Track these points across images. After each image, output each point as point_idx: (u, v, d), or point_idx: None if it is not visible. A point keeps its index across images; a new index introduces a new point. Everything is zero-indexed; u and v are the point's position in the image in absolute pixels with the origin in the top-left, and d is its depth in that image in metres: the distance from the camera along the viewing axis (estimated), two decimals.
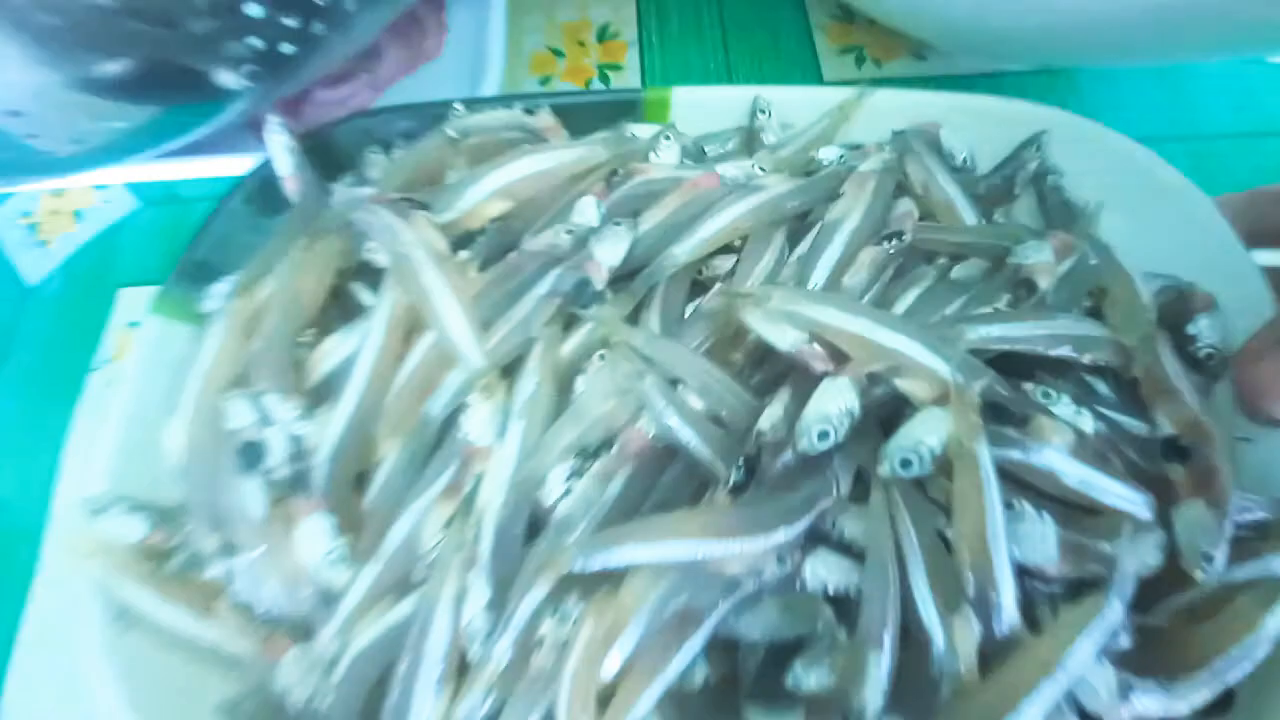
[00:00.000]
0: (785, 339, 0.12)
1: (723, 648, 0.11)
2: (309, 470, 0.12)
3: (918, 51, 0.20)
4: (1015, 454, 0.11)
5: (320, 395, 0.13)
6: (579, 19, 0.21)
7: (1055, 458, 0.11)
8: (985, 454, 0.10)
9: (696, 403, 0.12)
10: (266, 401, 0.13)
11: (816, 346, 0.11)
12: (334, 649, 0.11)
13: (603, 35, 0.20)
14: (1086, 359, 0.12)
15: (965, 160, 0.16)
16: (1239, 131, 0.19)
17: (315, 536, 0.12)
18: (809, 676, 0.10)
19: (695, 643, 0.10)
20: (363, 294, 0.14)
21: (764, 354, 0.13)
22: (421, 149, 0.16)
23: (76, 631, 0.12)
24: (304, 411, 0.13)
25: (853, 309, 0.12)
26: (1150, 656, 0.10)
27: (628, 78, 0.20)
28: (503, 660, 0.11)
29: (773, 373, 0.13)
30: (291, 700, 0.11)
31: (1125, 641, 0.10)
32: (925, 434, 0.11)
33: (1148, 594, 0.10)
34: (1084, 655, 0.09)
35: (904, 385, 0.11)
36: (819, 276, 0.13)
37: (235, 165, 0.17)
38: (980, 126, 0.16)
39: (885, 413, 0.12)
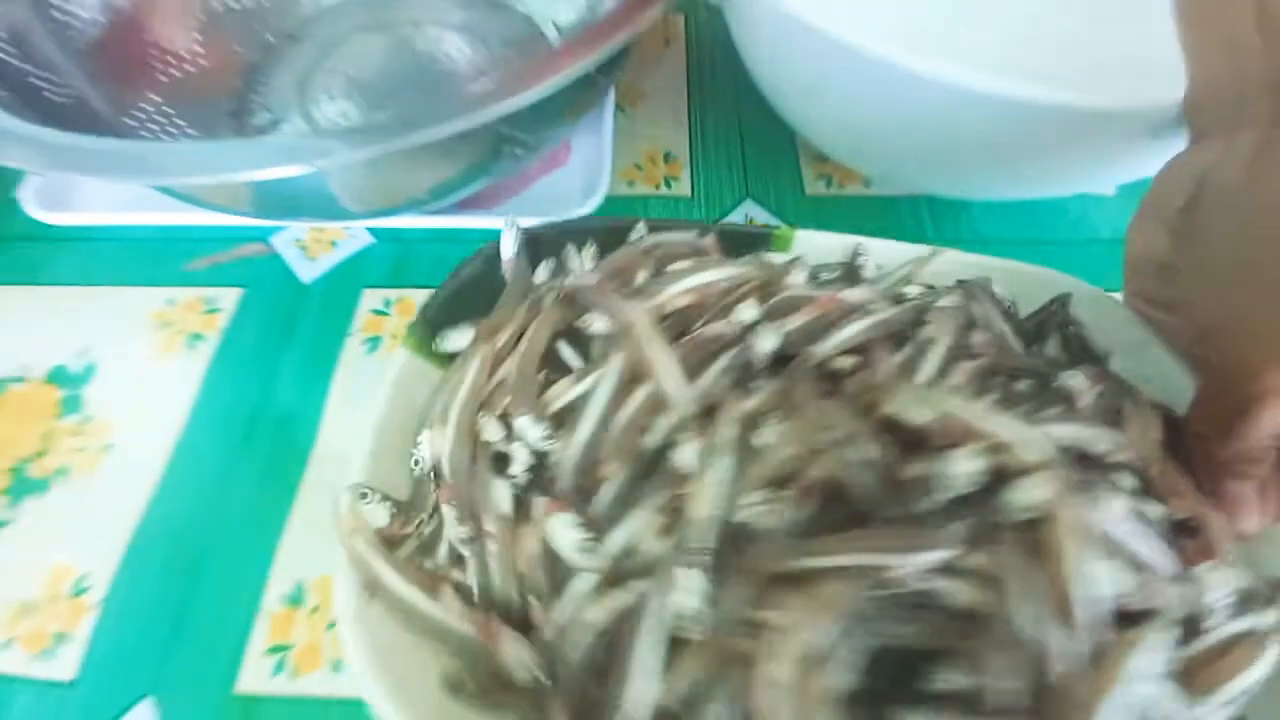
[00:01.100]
0: (920, 416, 0.14)
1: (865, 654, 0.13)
2: (555, 479, 0.15)
3: (865, 180, 0.28)
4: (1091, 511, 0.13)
5: (556, 423, 0.16)
6: (652, 147, 0.29)
7: (1118, 515, 0.13)
8: (1072, 509, 0.13)
9: (854, 454, 0.14)
10: (519, 422, 0.16)
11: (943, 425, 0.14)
12: (560, 629, 0.14)
13: (667, 158, 0.29)
14: (1119, 458, 0.16)
15: (1010, 307, 0.20)
16: (1075, 240, 0.27)
17: (566, 529, 0.14)
18: (955, 677, 0.12)
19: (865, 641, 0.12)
20: (566, 351, 0.18)
21: (890, 428, 0.15)
22: (623, 253, 0.20)
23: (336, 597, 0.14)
24: (548, 433, 0.16)
25: (968, 402, 0.15)
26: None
27: (683, 185, 0.28)
28: (712, 641, 0.13)
29: (895, 441, 0.15)
30: (516, 676, 0.13)
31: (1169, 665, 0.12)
32: (1032, 491, 0.13)
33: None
34: (1147, 665, 0.11)
35: (1010, 459, 0.14)
36: (923, 379, 0.17)
37: (444, 221, 0.25)
38: (1017, 284, 0.20)
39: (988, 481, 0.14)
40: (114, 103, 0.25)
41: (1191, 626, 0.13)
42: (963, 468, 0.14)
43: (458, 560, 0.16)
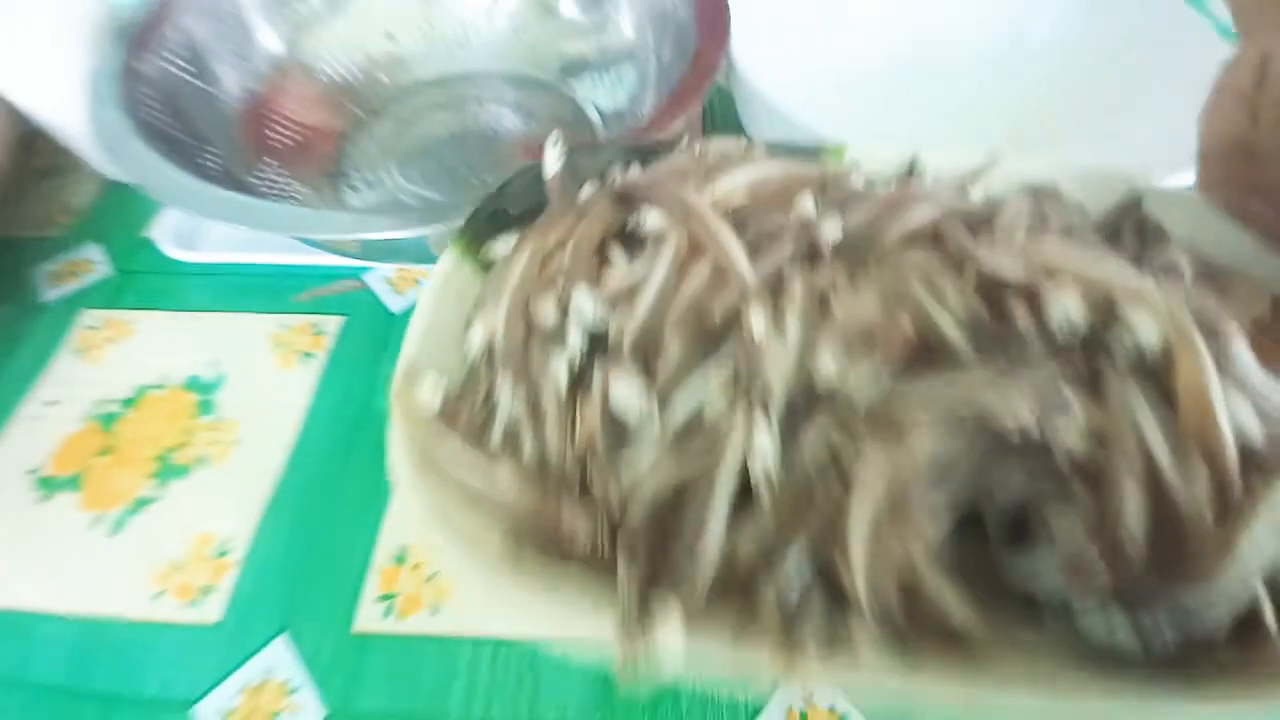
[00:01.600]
0: (1015, 269, 0.13)
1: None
2: (617, 348, 0.14)
3: None
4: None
5: (612, 304, 0.15)
6: None
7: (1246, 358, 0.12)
8: (1197, 335, 0.11)
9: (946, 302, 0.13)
10: (576, 296, 0.15)
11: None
12: (623, 496, 0.13)
13: None
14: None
15: (1080, 207, 0.18)
16: None
17: (629, 391, 0.13)
18: (1065, 521, 0.11)
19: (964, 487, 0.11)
20: (618, 255, 0.16)
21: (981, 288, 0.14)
22: (675, 159, 0.18)
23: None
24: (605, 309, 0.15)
25: (1069, 247, 0.13)
26: None
27: None
28: (787, 494, 0.12)
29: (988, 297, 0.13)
30: (577, 545, 0.13)
31: None
32: (1152, 326, 0.12)
33: None
34: None
35: (1120, 297, 0.12)
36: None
37: None
38: (1084, 186, 0.18)
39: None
40: (244, 165, 0.31)
41: None
42: (1066, 308, 0.12)
43: (512, 441, 0.15)
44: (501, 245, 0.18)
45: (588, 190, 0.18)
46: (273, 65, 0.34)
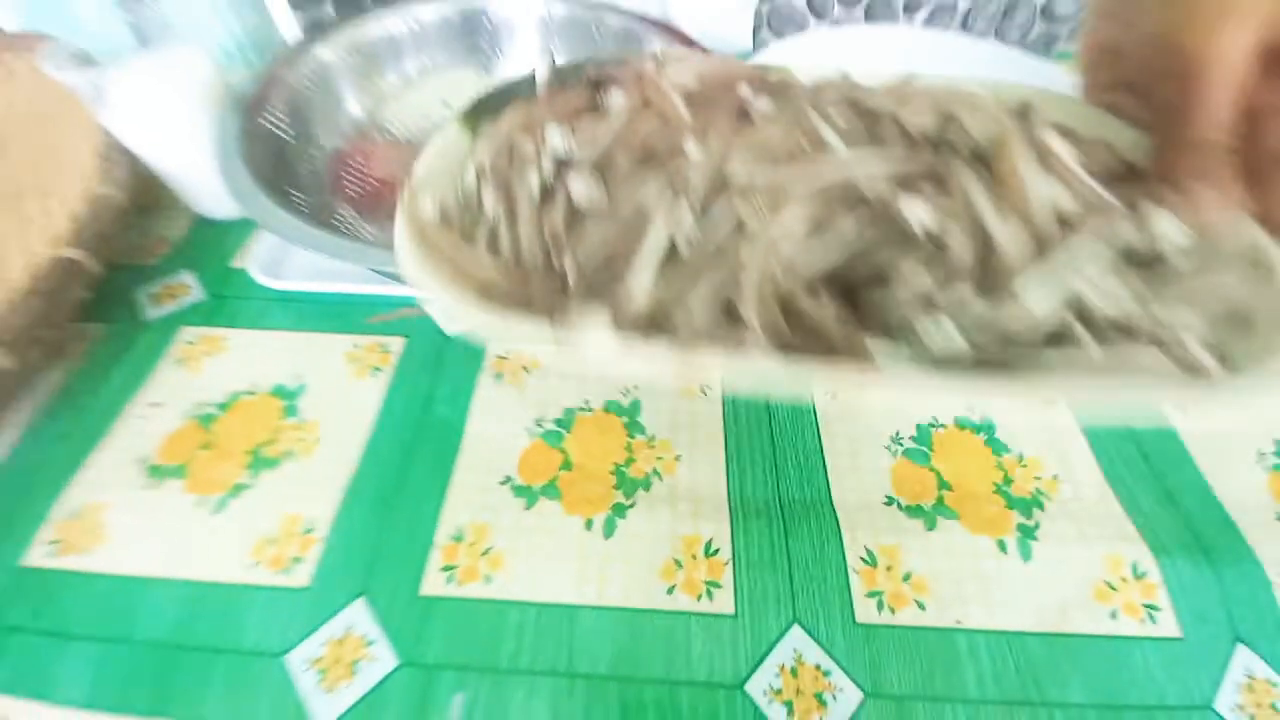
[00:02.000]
0: (886, 101, 0.17)
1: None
2: (579, 163, 0.18)
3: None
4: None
5: (579, 143, 0.18)
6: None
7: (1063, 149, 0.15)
8: (1016, 131, 0.15)
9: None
10: (549, 131, 0.18)
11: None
12: (578, 266, 0.16)
13: None
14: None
15: None
16: None
17: (586, 187, 0.17)
18: (911, 263, 0.14)
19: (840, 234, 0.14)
20: (587, 118, 0.19)
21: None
22: (639, 59, 0.21)
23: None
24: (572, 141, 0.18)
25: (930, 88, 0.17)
26: None
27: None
28: (701, 246, 0.15)
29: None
30: (538, 302, 0.15)
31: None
32: (986, 124, 0.15)
33: None
34: (1084, 257, 0.13)
35: (960, 109, 0.16)
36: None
37: None
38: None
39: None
40: (327, 209, 0.37)
41: (1143, 259, 0.14)
42: (921, 119, 0.16)
43: (492, 238, 0.18)
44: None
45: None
46: (354, 127, 0.40)
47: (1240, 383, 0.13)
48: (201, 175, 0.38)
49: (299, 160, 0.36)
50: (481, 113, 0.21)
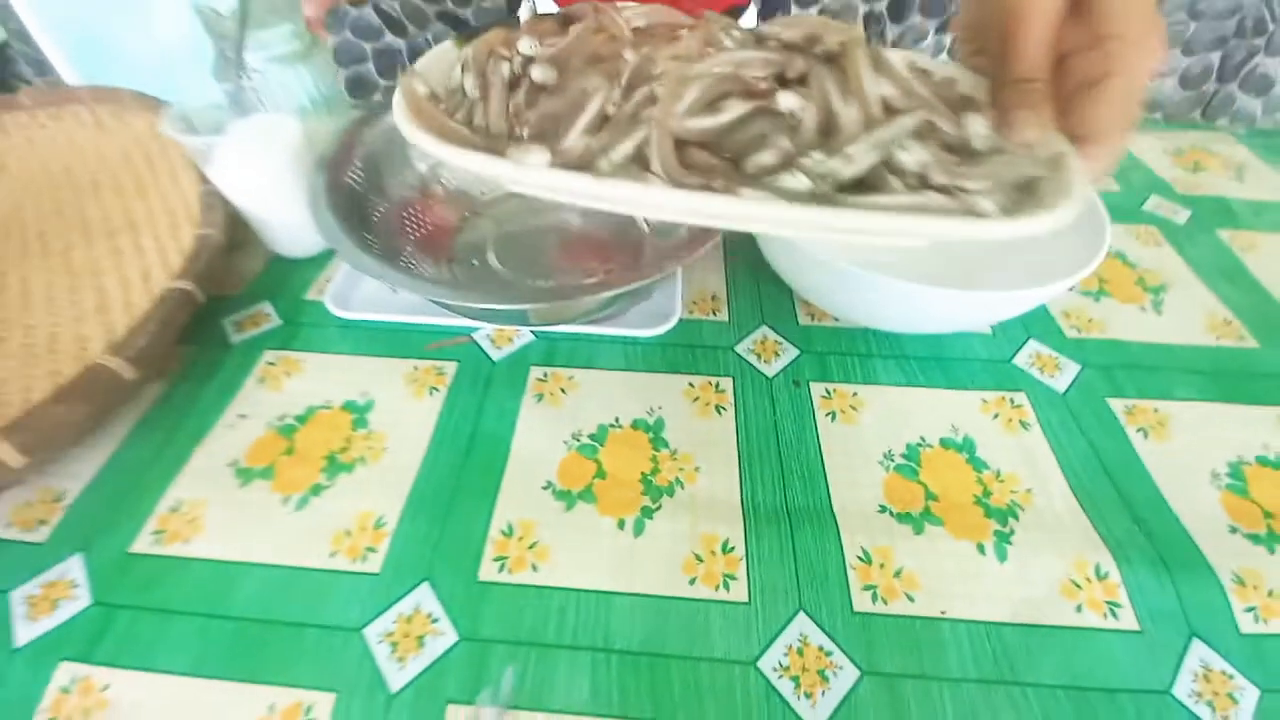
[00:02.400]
0: (780, 32, 0.21)
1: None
2: (541, 58, 0.22)
3: (834, 317, 0.42)
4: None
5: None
6: (703, 290, 0.45)
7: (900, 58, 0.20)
8: (861, 42, 0.19)
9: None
10: (521, 41, 0.22)
11: None
12: (533, 121, 0.20)
13: (713, 298, 0.45)
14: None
15: None
16: (966, 358, 0.39)
17: (545, 72, 0.21)
18: (777, 132, 0.18)
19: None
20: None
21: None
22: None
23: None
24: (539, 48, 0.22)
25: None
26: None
27: (722, 315, 0.43)
28: (623, 113, 0.19)
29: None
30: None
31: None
32: (835, 36, 0.20)
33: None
34: (899, 130, 0.17)
35: (823, 31, 0.20)
36: None
37: (579, 329, 0.40)
38: None
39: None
40: (395, 250, 0.43)
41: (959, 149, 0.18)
42: (791, 35, 0.21)
43: (469, 115, 0.21)
44: None
45: None
46: (417, 180, 0.46)
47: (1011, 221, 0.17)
48: (284, 221, 0.44)
49: (371, 209, 0.42)
50: (474, 36, 0.25)
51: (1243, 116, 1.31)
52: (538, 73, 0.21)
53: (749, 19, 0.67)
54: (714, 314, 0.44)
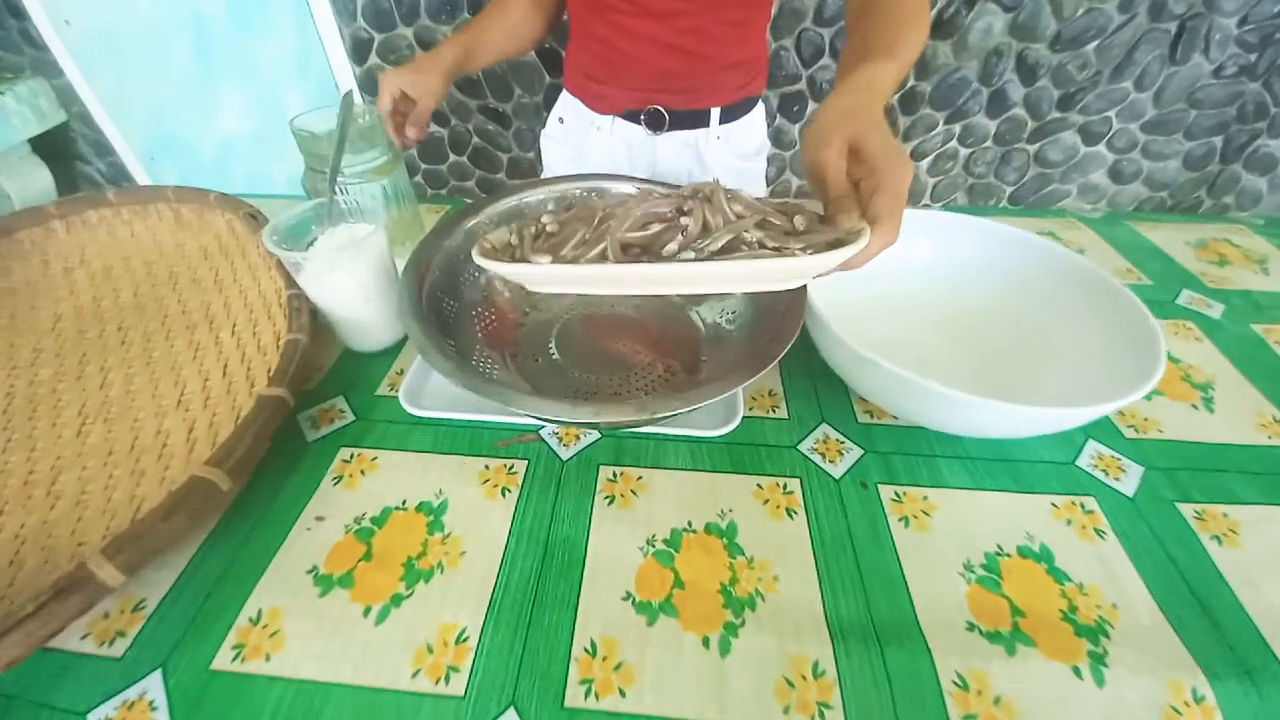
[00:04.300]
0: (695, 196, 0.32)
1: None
2: (549, 218, 0.45)
3: (893, 415, 0.42)
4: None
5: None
6: (760, 390, 0.45)
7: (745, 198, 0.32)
8: (721, 190, 0.31)
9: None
10: (543, 218, 0.36)
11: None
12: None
13: (770, 394, 0.45)
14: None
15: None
16: (1015, 458, 0.38)
17: (551, 219, 0.44)
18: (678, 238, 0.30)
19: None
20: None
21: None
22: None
23: None
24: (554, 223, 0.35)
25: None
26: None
27: (781, 412, 0.43)
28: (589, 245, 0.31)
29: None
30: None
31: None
32: (706, 186, 0.32)
33: None
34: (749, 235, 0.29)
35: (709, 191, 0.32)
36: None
37: (642, 428, 0.40)
38: None
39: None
40: (471, 349, 0.43)
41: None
42: (684, 190, 0.33)
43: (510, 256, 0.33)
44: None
45: None
46: (487, 282, 0.48)
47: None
48: (365, 321, 0.46)
49: (447, 309, 0.43)
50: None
51: (1249, 193, 1.35)
52: (548, 223, 0.35)
53: (756, 121, 0.71)
54: (773, 411, 0.44)
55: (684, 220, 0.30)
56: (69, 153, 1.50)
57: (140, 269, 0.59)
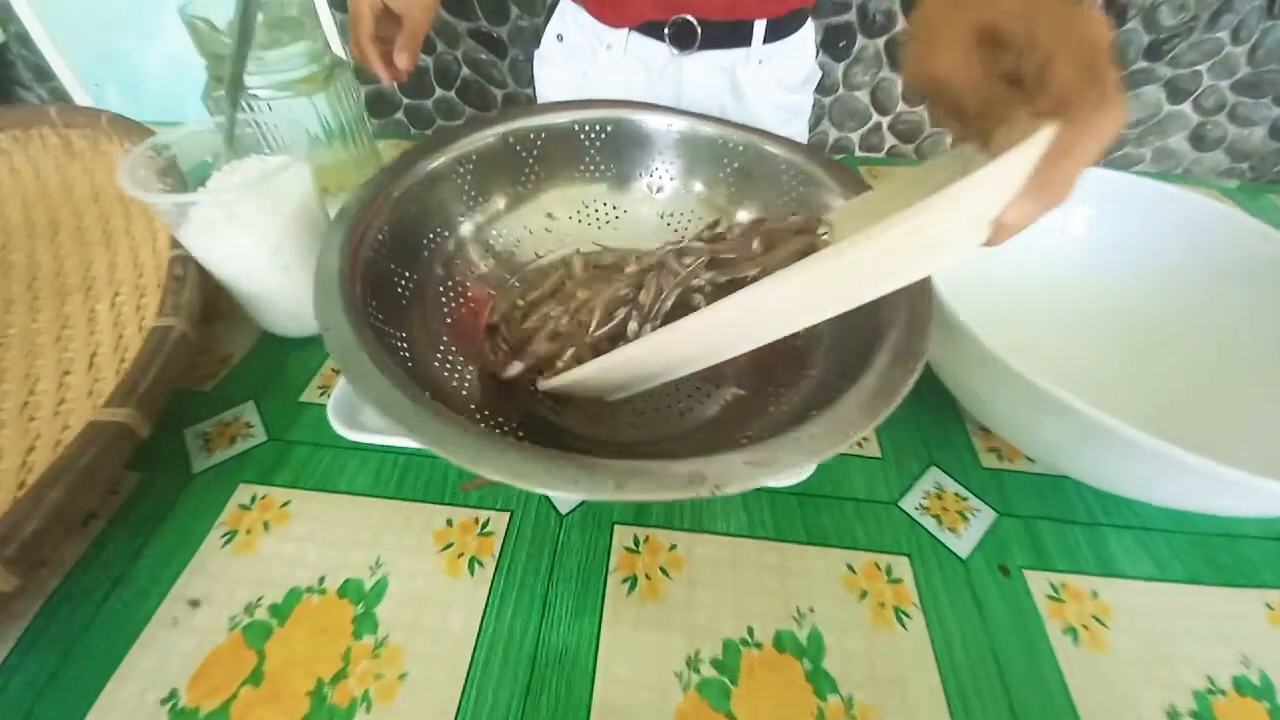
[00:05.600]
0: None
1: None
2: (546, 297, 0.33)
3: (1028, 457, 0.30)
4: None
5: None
6: None
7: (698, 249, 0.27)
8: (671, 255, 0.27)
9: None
10: (544, 305, 0.31)
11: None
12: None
13: None
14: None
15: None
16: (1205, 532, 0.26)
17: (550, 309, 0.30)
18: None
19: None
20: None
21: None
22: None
23: None
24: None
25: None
26: None
27: (872, 448, 0.30)
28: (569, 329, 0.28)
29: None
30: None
31: None
32: (696, 244, 0.28)
33: None
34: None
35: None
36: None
37: None
38: None
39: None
40: (433, 340, 0.30)
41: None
42: (641, 264, 0.28)
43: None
44: None
45: None
46: (457, 246, 0.34)
47: None
48: (283, 293, 0.32)
49: (399, 286, 0.30)
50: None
51: None
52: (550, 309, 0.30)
53: (805, 42, 0.55)
54: (859, 446, 0.31)
55: (640, 297, 0.27)
56: (7, 77, 1.32)
57: (16, 214, 0.45)
